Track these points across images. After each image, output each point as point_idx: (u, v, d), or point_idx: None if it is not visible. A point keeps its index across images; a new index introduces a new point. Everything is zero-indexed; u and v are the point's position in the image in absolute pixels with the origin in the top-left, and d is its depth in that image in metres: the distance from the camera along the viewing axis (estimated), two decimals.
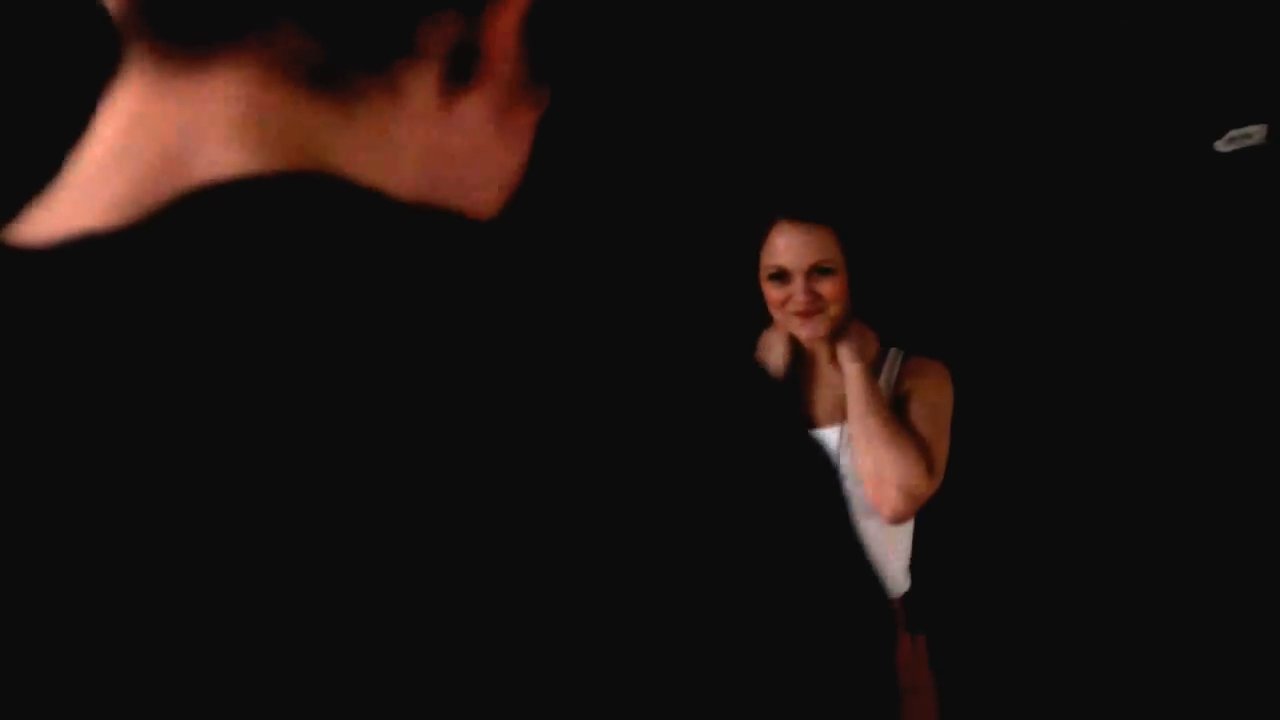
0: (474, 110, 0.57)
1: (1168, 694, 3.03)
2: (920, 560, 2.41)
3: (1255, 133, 3.16)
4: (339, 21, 0.52)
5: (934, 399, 2.32)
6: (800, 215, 2.29)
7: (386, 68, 0.53)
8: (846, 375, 2.29)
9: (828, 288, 2.27)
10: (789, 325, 2.32)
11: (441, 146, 0.57)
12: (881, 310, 2.46)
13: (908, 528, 2.35)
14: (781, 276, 2.29)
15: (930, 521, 2.39)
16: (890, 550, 2.32)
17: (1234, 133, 3.17)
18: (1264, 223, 3.15)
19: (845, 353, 2.31)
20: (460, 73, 0.56)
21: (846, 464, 2.28)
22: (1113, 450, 3.08)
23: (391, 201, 0.50)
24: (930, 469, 2.23)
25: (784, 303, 2.29)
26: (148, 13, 0.52)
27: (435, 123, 0.56)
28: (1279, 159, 3.13)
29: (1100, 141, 3.07)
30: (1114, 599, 3.07)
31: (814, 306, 2.27)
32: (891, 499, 2.22)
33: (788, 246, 2.27)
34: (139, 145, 0.51)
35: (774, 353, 2.36)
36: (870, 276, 2.37)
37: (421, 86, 0.55)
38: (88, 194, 0.52)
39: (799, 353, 2.39)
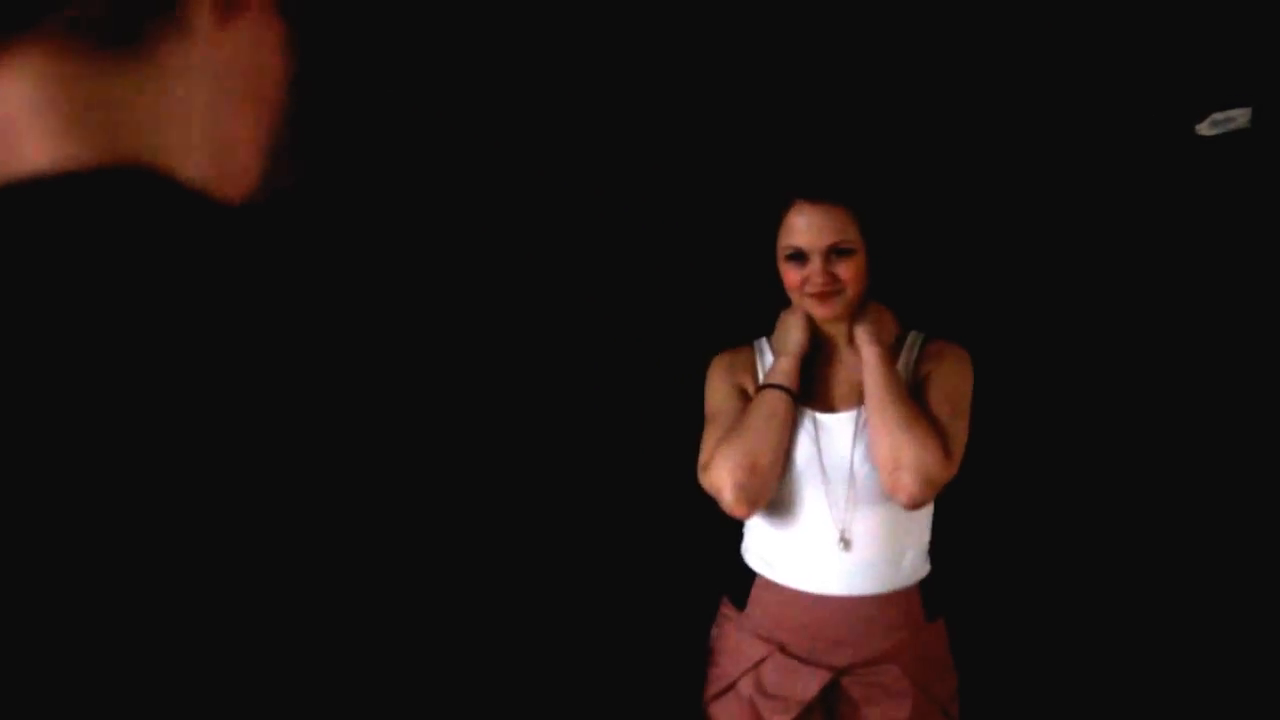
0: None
1: (1184, 677, 3.05)
2: (940, 544, 2.38)
3: (1239, 116, 3.18)
4: None
5: (953, 382, 2.29)
6: (818, 196, 2.25)
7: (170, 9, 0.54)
8: (864, 358, 2.26)
9: (845, 269, 2.24)
10: (806, 306, 2.29)
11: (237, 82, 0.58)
12: (901, 292, 2.44)
13: (927, 512, 2.32)
14: (799, 257, 2.25)
15: (951, 504, 2.36)
16: (909, 535, 2.29)
17: (1216, 115, 3.18)
18: (1248, 207, 3.16)
19: (863, 335, 2.28)
20: None
21: (863, 448, 2.24)
22: (1131, 435, 3.09)
23: (187, 193, 0.54)
24: (947, 454, 2.20)
25: (801, 283, 2.26)
26: None
27: (221, 53, 0.56)
28: (1262, 142, 3.15)
29: (1089, 123, 3.07)
30: (1134, 583, 3.08)
31: (831, 287, 2.24)
32: (908, 485, 2.18)
33: (805, 227, 2.24)
34: None
35: (792, 334, 2.32)
36: (889, 258, 2.34)
37: (200, 17, 0.55)
38: None
39: (817, 335, 2.35)
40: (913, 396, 2.25)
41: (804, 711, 2.24)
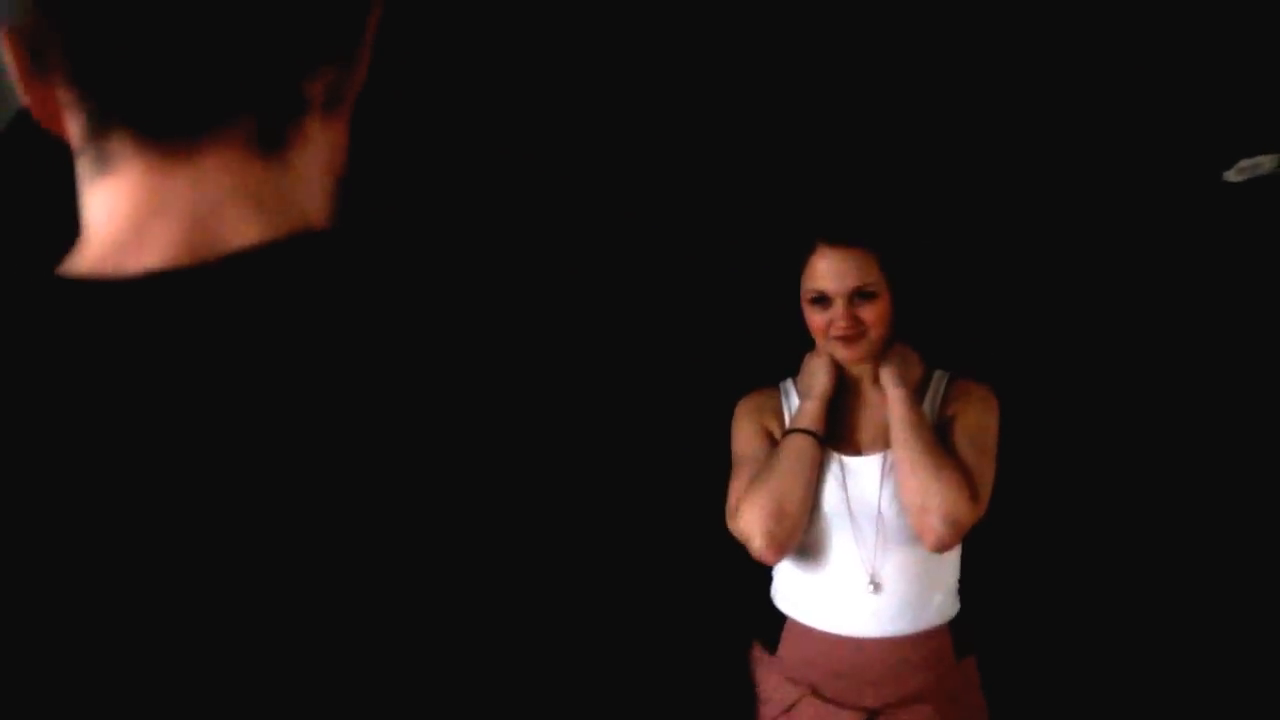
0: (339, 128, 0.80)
1: (1216, 710, 3.01)
2: (969, 581, 2.38)
3: (1266, 162, 3.19)
4: (271, 100, 0.74)
5: (979, 423, 2.30)
6: (841, 239, 2.27)
7: (299, 122, 0.75)
8: (890, 400, 2.27)
9: (869, 312, 2.25)
10: (831, 349, 2.30)
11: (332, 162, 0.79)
12: (926, 333, 2.45)
13: (955, 551, 2.33)
14: (823, 300, 2.27)
15: (980, 542, 2.36)
16: (938, 575, 2.29)
17: (1244, 162, 3.19)
18: (1275, 252, 3.17)
19: (888, 378, 2.28)
20: (332, 104, 0.78)
21: (891, 490, 2.25)
22: (1159, 469, 3.07)
23: (347, 239, 0.74)
24: (974, 496, 2.21)
25: (826, 327, 2.28)
26: (137, 122, 0.72)
27: (324, 145, 0.78)
28: None
29: (1117, 169, 3.08)
30: (1166, 617, 3.06)
31: (855, 330, 2.25)
32: (935, 528, 2.19)
33: (828, 270, 2.26)
34: (170, 211, 0.72)
35: (817, 377, 2.34)
36: (914, 299, 2.35)
37: (314, 124, 0.77)
38: (137, 244, 0.72)
39: (842, 377, 2.36)
40: (939, 438, 2.26)
41: None
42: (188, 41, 0.71)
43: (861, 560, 2.25)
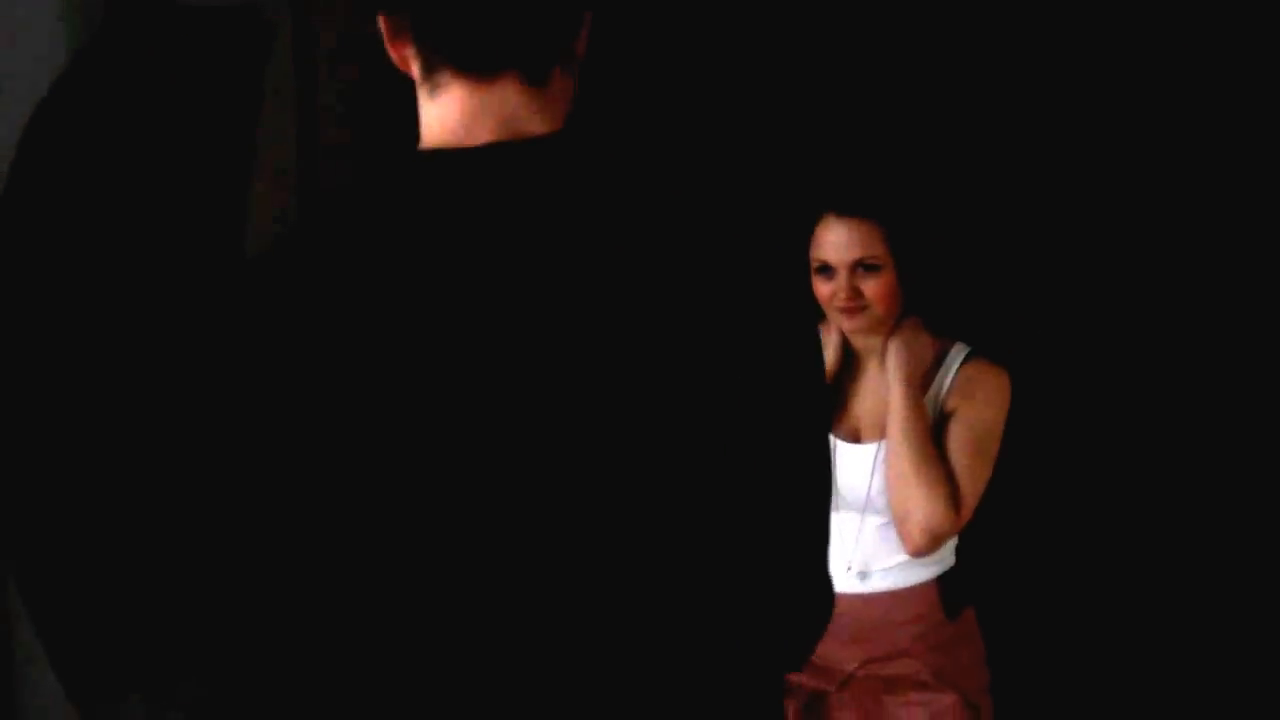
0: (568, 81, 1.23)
1: (1213, 662, 3.05)
2: (972, 534, 2.38)
3: None
4: (542, 56, 1.20)
5: (982, 420, 2.26)
6: (846, 209, 2.25)
7: (555, 69, 1.20)
8: (891, 395, 2.23)
9: (872, 285, 2.24)
10: (835, 320, 2.29)
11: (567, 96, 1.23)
12: (940, 305, 2.41)
13: None
14: (826, 270, 2.27)
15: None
16: (924, 565, 2.30)
17: None
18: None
19: (893, 369, 2.25)
20: (568, 61, 1.22)
21: (880, 483, 2.26)
22: (1165, 430, 3.07)
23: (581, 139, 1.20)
24: (957, 508, 2.22)
25: (829, 298, 2.26)
26: (457, 64, 1.18)
27: (565, 85, 1.22)
28: None
29: (1129, 146, 3.05)
30: (1163, 574, 3.08)
31: (855, 303, 2.24)
32: (913, 537, 2.21)
33: (832, 241, 2.25)
34: (484, 114, 1.17)
35: (825, 352, 2.31)
36: (923, 274, 2.32)
37: (559, 73, 1.21)
38: (466, 134, 1.17)
39: (849, 350, 2.34)
40: (935, 436, 2.24)
41: (818, 703, 2.28)
42: (492, 16, 1.16)
43: (843, 550, 2.26)
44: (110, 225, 2.42)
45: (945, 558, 2.33)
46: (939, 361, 2.32)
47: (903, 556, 2.25)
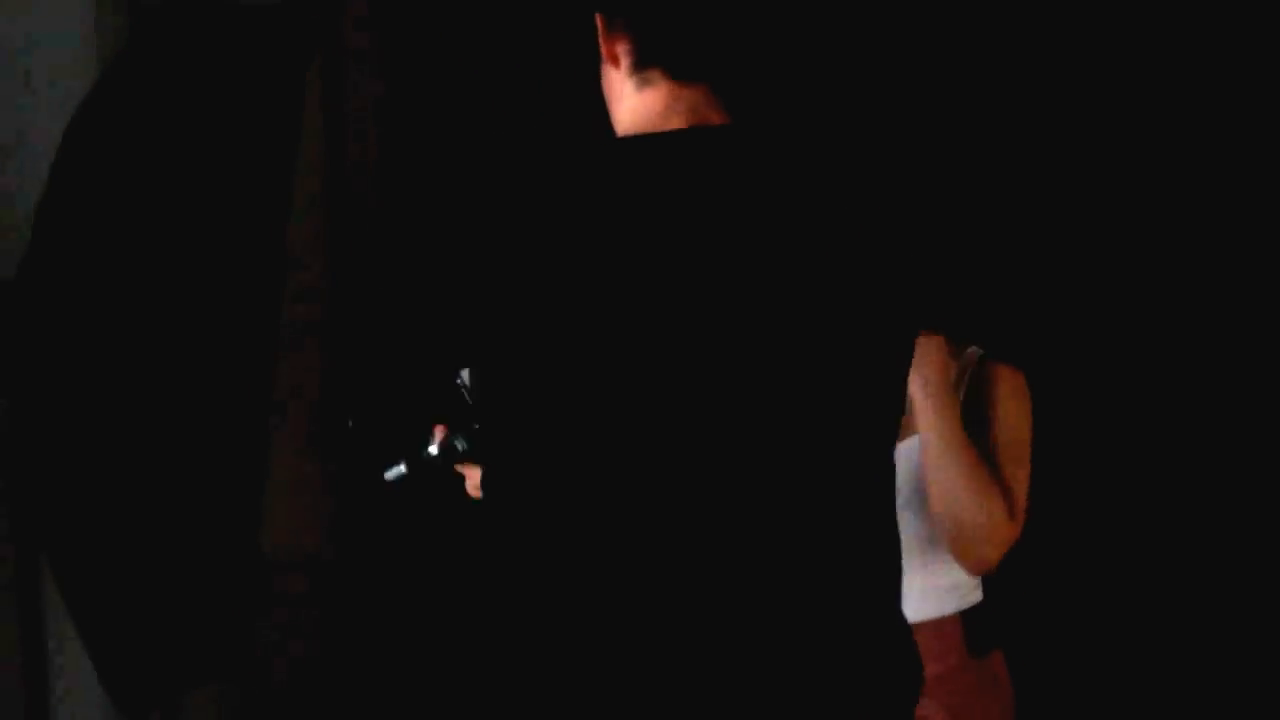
0: None
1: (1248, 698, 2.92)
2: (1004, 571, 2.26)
3: None
4: (735, 70, 1.48)
5: (1016, 426, 2.17)
6: None
7: None
8: (922, 405, 2.11)
9: None
10: None
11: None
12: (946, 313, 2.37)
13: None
14: None
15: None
16: (939, 570, 2.21)
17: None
18: None
19: (919, 375, 2.13)
20: None
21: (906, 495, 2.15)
22: (1188, 447, 2.94)
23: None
24: (1012, 515, 2.11)
25: None
26: (668, 66, 1.46)
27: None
28: None
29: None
30: (1197, 604, 2.94)
31: None
32: (976, 550, 2.09)
33: None
34: (679, 106, 1.45)
35: None
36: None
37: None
38: (664, 122, 1.45)
39: None
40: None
41: None
42: (706, 37, 1.46)
43: None
44: (152, 223, 2.50)
45: (970, 592, 2.23)
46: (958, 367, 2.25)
47: (921, 583, 2.17)
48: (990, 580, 2.24)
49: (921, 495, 2.13)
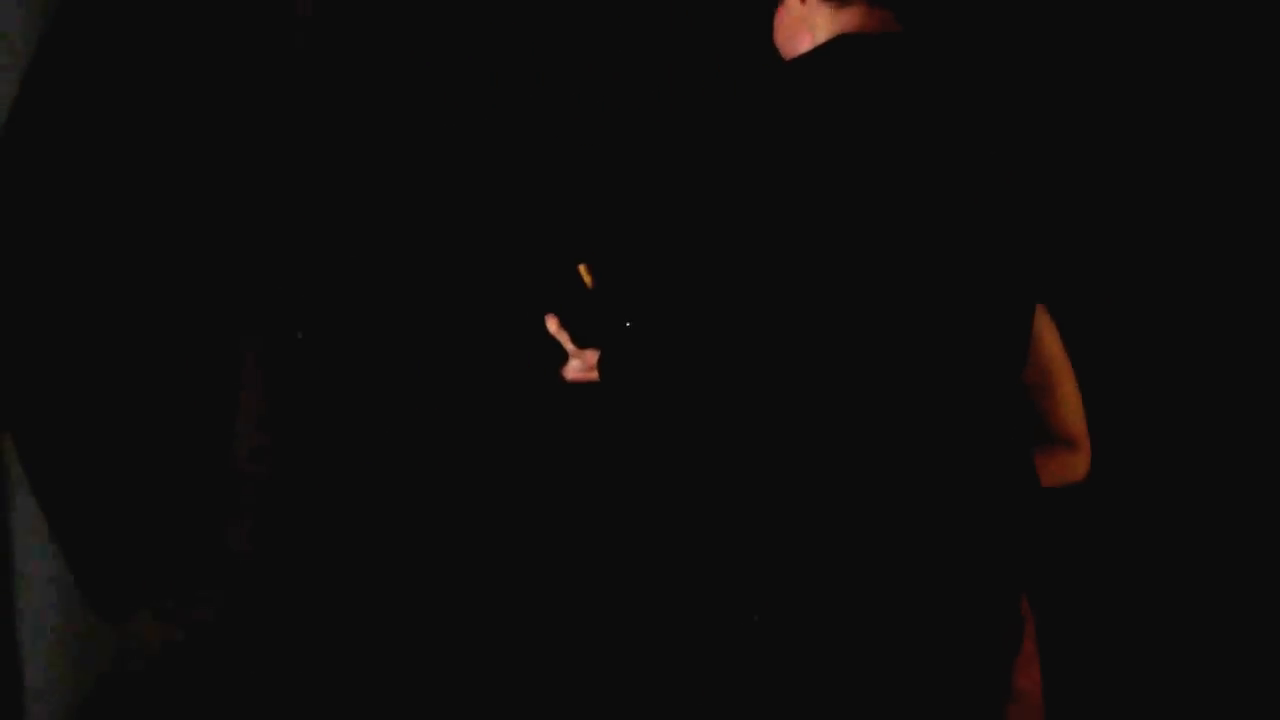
0: None
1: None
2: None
3: None
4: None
5: (1054, 342, 2.23)
6: None
7: None
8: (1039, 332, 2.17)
9: None
10: None
11: None
12: None
13: None
14: None
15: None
16: None
17: None
18: None
19: None
20: None
21: None
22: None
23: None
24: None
25: None
26: None
27: None
28: None
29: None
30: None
31: None
32: (1084, 450, 2.22)
33: None
34: (885, 21, 1.71)
35: None
36: None
37: None
38: (869, 27, 1.70)
39: None
40: None
41: None
42: None
43: None
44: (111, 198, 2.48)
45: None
46: None
47: None
48: None
49: None
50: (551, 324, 1.87)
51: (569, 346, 1.86)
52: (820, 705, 1.57)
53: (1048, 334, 2.22)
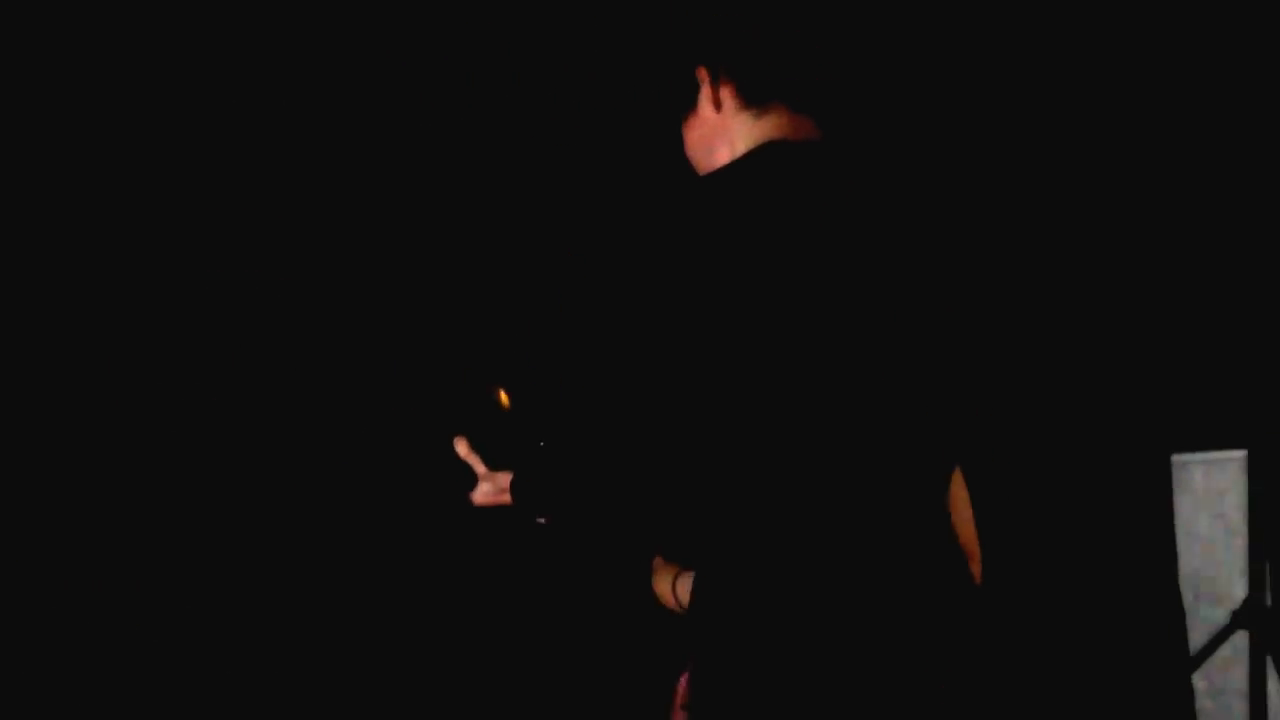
0: None
1: None
2: None
3: None
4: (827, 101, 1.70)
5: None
6: None
7: None
8: None
9: None
10: None
11: None
12: None
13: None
14: None
15: None
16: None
17: None
18: None
19: None
20: None
21: None
22: None
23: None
24: None
25: None
26: (787, 100, 1.68)
27: None
28: None
29: None
30: None
31: None
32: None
33: None
34: (792, 126, 1.67)
35: None
36: None
37: None
38: (787, 135, 1.66)
39: None
40: None
41: None
42: (811, 66, 1.68)
43: None
44: None
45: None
46: None
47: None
48: None
49: None
50: (461, 447, 1.83)
51: (480, 469, 1.83)
52: None
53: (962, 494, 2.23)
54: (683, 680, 1.86)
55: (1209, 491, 3.41)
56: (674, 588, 2.26)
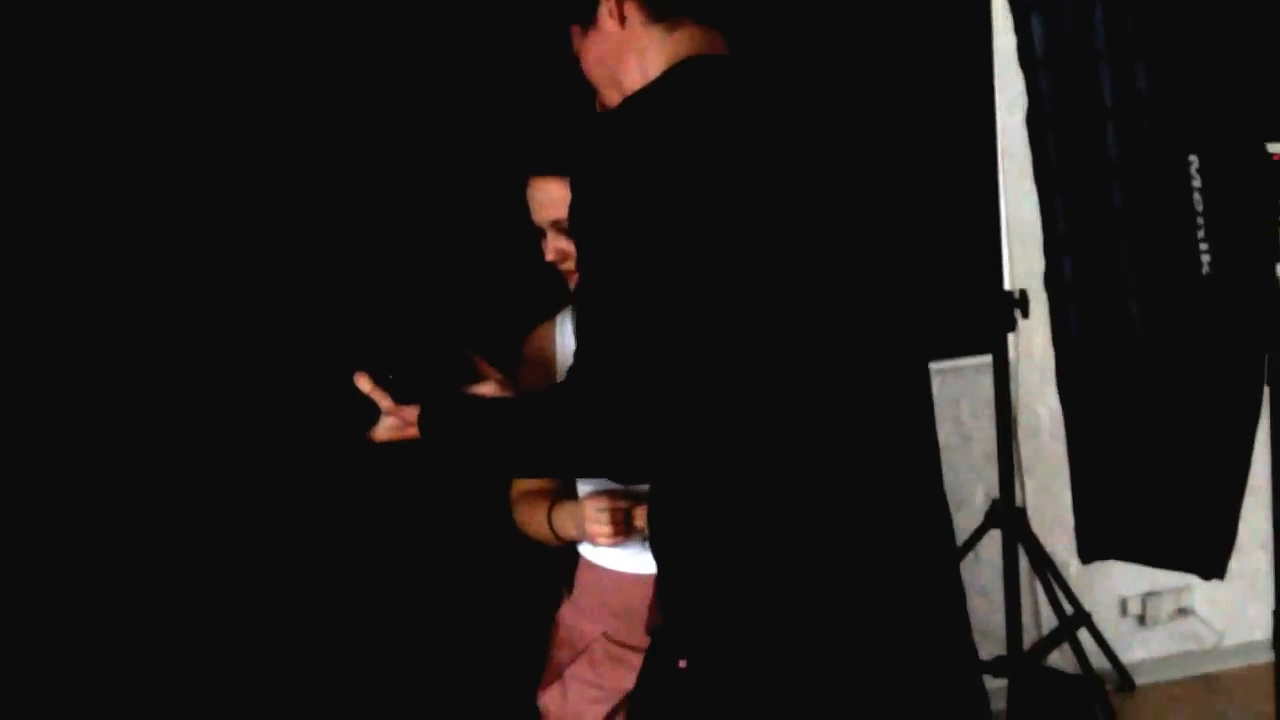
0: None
1: None
2: None
3: None
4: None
5: None
6: (541, 170, 2.21)
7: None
8: None
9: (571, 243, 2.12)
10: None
11: None
12: None
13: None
14: (540, 232, 2.22)
15: None
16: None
17: None
18: None
19: None
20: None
21: None
22: None
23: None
24: None
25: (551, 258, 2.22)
26: (694, 15, 1.66)
27: None
28: None
29: None
30: None
31: (563, 263, 2.18)
32: None
33: (533, 203, 2.21)
34: (715, 43, 1.66)
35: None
36: None
37: None
38: (698, 50, 1.64)
39: None
40: None
41: (625, 701, 2.09)
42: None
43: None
44: None
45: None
46: None
47: None
48: None
49: None
50: (364, 383, 1.76)
51: (384, 404, 1.75)
52: None
53: None
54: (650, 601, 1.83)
55: (944, 399, 3.55)
56: (550, 519, 2.23)
